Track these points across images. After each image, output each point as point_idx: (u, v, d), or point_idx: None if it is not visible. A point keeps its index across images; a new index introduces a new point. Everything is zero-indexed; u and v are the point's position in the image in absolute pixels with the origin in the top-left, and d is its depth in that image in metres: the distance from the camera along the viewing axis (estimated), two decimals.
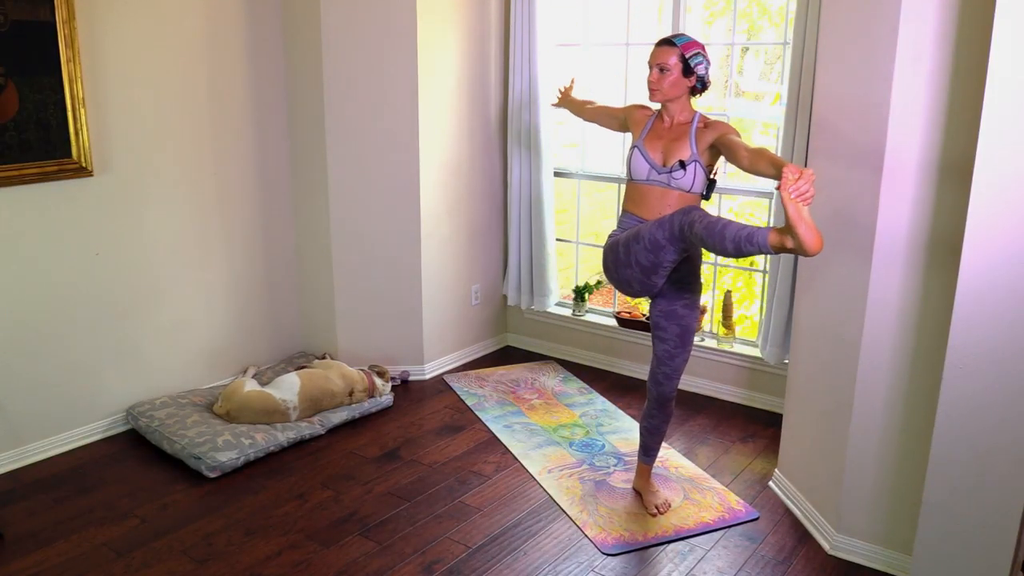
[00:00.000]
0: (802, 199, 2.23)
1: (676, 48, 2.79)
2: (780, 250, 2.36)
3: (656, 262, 2.67)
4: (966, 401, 2.28)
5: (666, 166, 2.81)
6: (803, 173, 2.24)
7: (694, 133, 2.81)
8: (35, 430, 3.43)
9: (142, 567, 2.74)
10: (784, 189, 2.23)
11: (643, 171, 2.86)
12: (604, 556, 2.85)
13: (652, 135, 2.89)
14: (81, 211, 3.44)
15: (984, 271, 2.19)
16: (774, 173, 2.42)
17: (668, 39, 2.84)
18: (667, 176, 2.81)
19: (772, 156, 2.50)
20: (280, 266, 4.31)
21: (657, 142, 2.86)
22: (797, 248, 2.29)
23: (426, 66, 4.02)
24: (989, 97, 2.10)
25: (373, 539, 2.92)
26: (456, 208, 4.38)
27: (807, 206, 2.24)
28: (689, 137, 2.81)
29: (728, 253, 2.44)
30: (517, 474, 3.40)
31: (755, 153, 2.58)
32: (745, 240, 2.38)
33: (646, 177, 2.85)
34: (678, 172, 2.78)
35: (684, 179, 2.78)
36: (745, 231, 2.40)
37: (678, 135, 2.84)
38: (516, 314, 4.87)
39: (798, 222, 2.24)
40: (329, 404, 3.78)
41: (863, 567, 2.80)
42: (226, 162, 3.95)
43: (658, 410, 3.04)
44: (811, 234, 2.25)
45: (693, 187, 2.80)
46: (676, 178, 2.79)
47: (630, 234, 2.77)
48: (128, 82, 3.51)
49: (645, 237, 2.67)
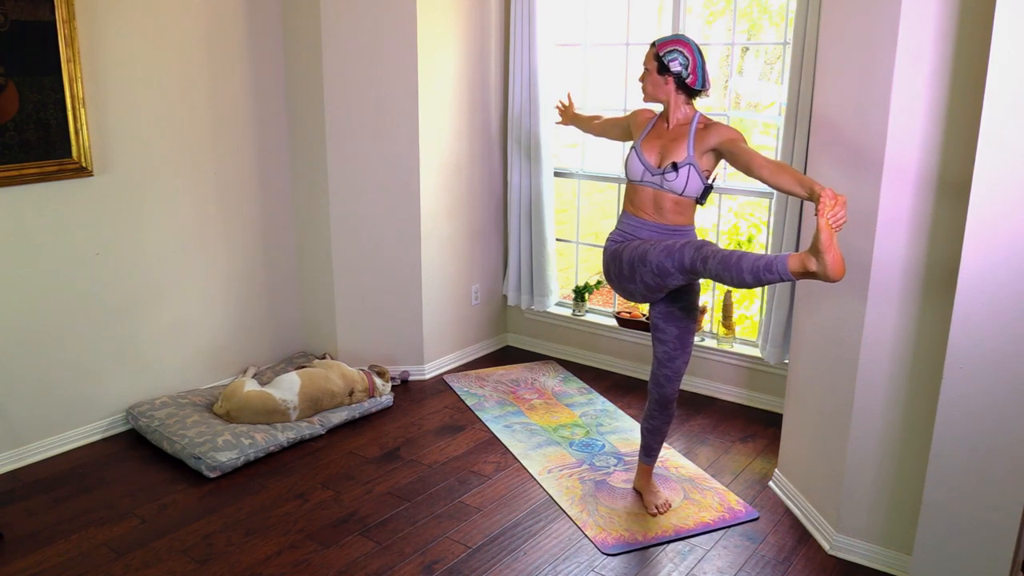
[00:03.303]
0: (836, 225, 2.23)
1: (653, 48, 2.80)
2: (801, 275, 2.34)
3: (662, 284, 2.69)
4: (966, 401, 2.28)
5: (660, 167, 2.78)
6: (838, 199, 2.23)
7: (693, 135, 2.77)
8: (35, 430, 3.43)
9: (142, 567, 2.74)
10: (822, 215, 2.22)
11: (637, 172, 2.84)
12: (604, 556, 2.86)
13: (652, 136, 2.87)
14: (81, 211, 3.44)
15: (984, 271, 2.19)
16: (803, 193, 2.37)
17: (655, 40, 2.85)
18: (660, 178, 2.77)
19: (797, 174, 2.43)
20: (280, 266, 4.31)
21: (655, 143, 2.84)
22: (820, 272, 2.27)
23: (426, 66, 4.02)
24: (989, 97, 2.11)
25: (373, 539, 2.92)
26: (456, 208, 4.38)
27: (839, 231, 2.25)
28: (687, 139, 2.76)
29: (747, 284, 2.42)
30: (517, 474, 3.40)
31: (777, 167, 2.49)
32: (764, 269, 2.36)
33: (640, 178, 2.83)
34: (670, 174, 2.74)
35: (676, 182, 2.74)
36: (763, 260, 2.37)
37: (677, 136, 2.80)
38: (516, 314, 4.87)
39: (829, 248, 2.23)
40: (329, 404, 3.78)
41: (863, 567, 2.80)
42: (226, 162, 3.95)
43: (659, 411, 3.04)
44: (837, 260, 2.25)
45: (686, 190, 2.74)
46: (668, 180, 2.75)
47: (635, 254, 2.72)
48: (128, 82, 3.51)
49: (652, 263, 2.63)
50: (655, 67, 2.79)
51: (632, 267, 2.73)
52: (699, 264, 2.50)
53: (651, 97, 2.85)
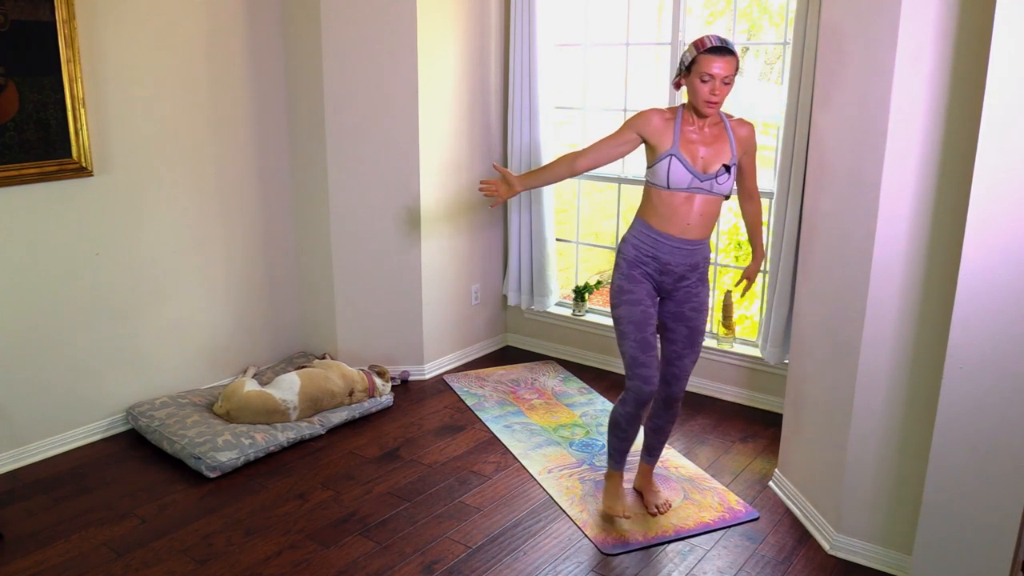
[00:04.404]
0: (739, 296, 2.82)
1: (735, 57, 2.61)
2: None
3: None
4: (966, 401, 2.28)
5: (708, 172, 2.69)
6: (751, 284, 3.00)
7: (732, 135, 2.73)
8: (35, 430, 3.43)
9: (142, 567, 2.74)
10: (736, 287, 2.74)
11: (684, 180, 2.69)
12: (604, 556, 2.85)
13: (684, 141, 2.70)
14: (81, 211, 3.44)
15: (984, 271, 2.19)
16: (752, 240, 3.01)
17: (727, 47, 2.61)
18: (710, 183, 2.69)
19: (760, 235, 3.02)
20: (280, 266, 4.31)
21: (692, 147, 2.70)
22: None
23: (426, 66, 4.02)
24: (989, 97, 2.11)
25: (373, 539, 2.92)
26: (456, 208, 4.38)
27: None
28: (728, 139, 2.72)
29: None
30: (517, 474, 3.40)
31: (757, 212, 3.01)
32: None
33: (687, 186, 2.69)
34: (723, 176, 2.69)
35: (727, 183, 2.70)
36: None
37: (714, 137, 2.71)
38: (516, 314, 4.87)
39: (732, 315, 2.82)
40: (329, 404, 3.78)
41: (863, 567, 2.80)
42: (226, 162, 3.95)
43: (664, 410, 3.04)
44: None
45: (730, 191, 2.75)
46: (720, 183, 2.69)
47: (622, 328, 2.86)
48: (128, 82, 3.51)
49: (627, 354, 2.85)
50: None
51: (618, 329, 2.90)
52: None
53: (720, 106, 2.68)
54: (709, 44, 2.61)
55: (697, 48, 2.63)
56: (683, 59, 2.69)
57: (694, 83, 2.64)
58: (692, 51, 2.65)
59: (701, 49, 2.62)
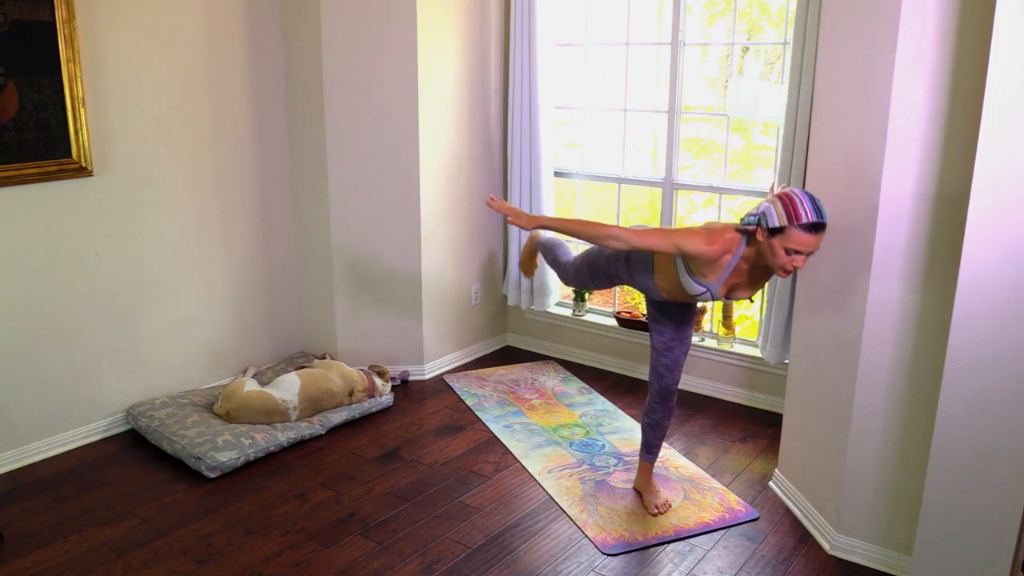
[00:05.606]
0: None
1: (822, 232, 2.44)
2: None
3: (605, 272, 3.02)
4: (966, 401, 2.28)
5: (727, 296, 2.75)
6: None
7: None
8: (35, 430, 3.43)
9: (142, 567, 2.74)
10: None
11: (696, 292, 2.69)
12: (604, 556, 2.85)
13: (730, 276, 2.65)
14: (81, 211, 3.44)
15: (984, 271, 2.19)
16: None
17: (824, 222, 2.42)
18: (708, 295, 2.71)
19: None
20: (280, 266, 4.31)
21: (731, 280, 2.68)
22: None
23: (426, 66, 4.02)
24: (989, 98, 2.11)
25: (373, 539, 2.92)
26: (456, 208, 4.38)
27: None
28: (768, 278, 2.75)
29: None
30: (517, 474, 3.40)
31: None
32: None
33: (697, 295, 2.72)
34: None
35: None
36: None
37: (759, 275, 2.70)
38: (516, 314, 4.87)
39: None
40: (329, 404, 3.78)
41: (863, 567, 2.80)
42: (226, 162, 3.95)
43: (660, 404, 3.04)
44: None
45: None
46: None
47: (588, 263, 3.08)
48: (128, 82, 3.51)
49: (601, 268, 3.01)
50: None
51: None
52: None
53: None
54: (807, 220, 2.38)
55: (790, 219, 2.40)
56: (766, 215, 2.46)
57: (776, 248, 2.45)
58: (783, 217, 2.41)
59: (796, 222, 2.39)
